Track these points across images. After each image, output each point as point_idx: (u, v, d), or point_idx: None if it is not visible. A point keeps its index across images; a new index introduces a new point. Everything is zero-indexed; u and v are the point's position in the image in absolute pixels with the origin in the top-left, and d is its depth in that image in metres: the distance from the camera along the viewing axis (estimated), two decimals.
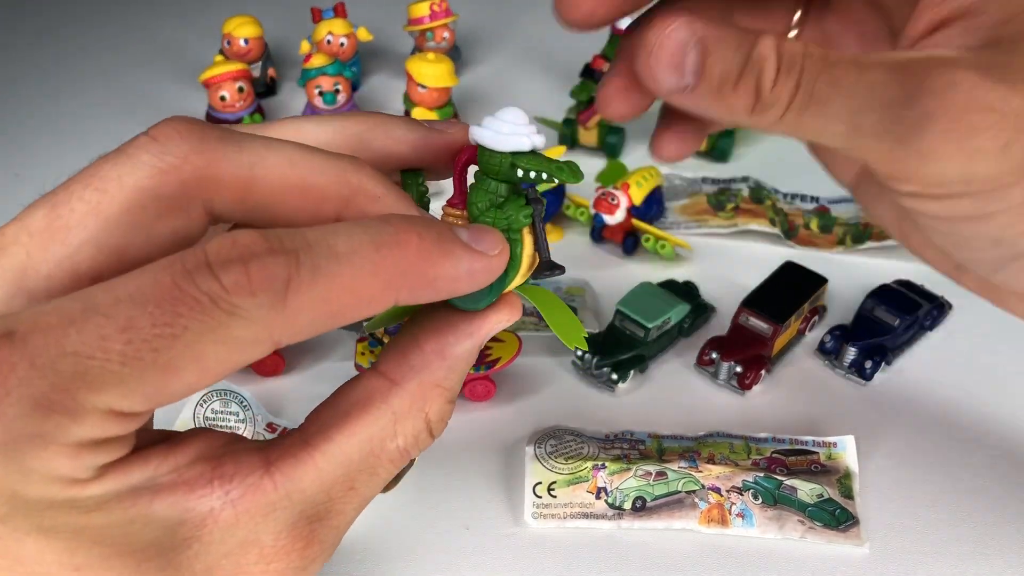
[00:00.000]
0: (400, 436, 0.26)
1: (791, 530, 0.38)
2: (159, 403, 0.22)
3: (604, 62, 0.60)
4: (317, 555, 0.26)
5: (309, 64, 0.61)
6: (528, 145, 0.25)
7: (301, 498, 0.25)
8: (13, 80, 0.72)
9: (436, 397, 0.26)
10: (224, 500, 0.24)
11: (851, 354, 0.46)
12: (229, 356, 0.22)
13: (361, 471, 0.26)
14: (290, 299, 0.22)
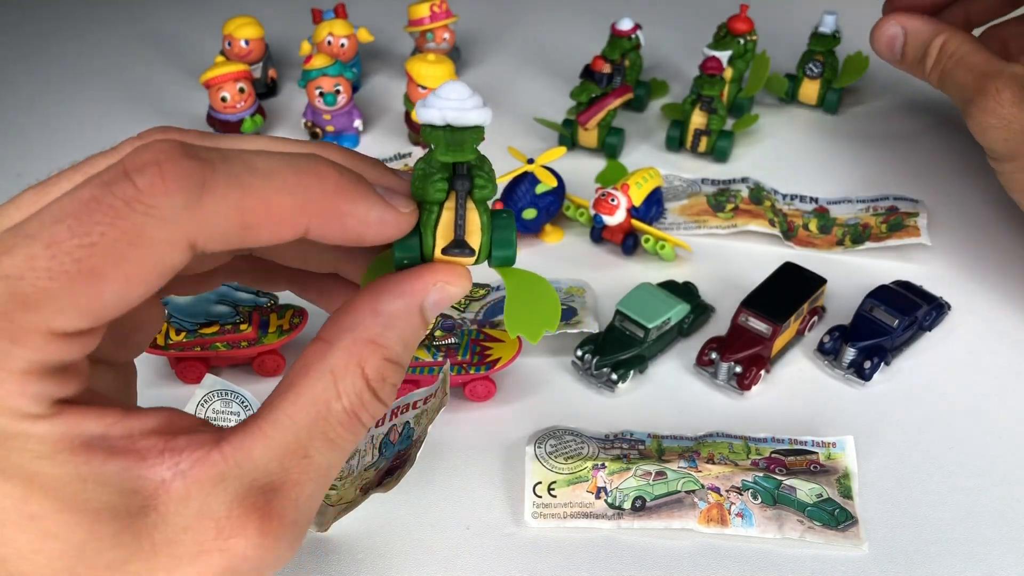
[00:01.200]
0: (344, 396, 0.26)
1: (790, 530, 0.38)
2: (94, 318, 0.23)
3: (604, 63, 0.60)
4: (278, 532, 0.25)
5: (310, 65, 0.61)
6: (439, 120, 0.26)
7: (251, 467, 0.25)
8: (14, 80, 0.72)
9: (371, 353, 0.26)
10: (174, 471, 0.25)
11: (850, 354, 0.46)
12: (149, 258, 0.23)
13: (313, 437, 0.26)
14: (205, 199, 0.23)
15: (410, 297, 0.27)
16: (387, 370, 0.27)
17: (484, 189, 0.27)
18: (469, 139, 0.26)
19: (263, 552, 0.25)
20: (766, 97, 0.67)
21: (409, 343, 0.27)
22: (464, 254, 0.27)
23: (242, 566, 0.25)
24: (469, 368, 0.44)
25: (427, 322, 0.28)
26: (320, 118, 0.62)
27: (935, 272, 0.52)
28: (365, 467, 0.40)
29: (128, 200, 0.23)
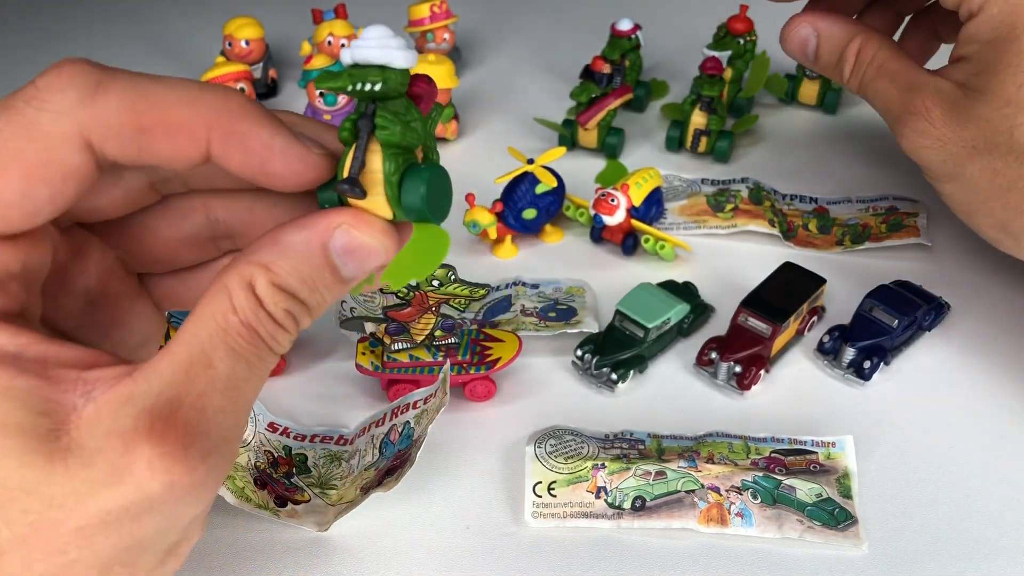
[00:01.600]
0: (239, 310, 0.26)
1: (790, 530, 0.38)
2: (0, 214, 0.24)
3: (604, 63, 0.60)
4: (184, 441, 0.25)
5: (310, 65, 0.61)
6: (348, 59, 0.26)
7: (158, 382, 0.25)
8: (14, 81, 0.72)
9: (261, 274, 0.26)
10: (86, 398, 0.25)
11: (850, 354, 0.46)
12: (45, 152, 0.24)
13: (215, 347, 0.26)
14: (99, 95, 0.24)
15: (310, 232, 0.27)
16: (277, 296, 0.26)
17: (387, 130, 0.26)
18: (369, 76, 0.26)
19: (170, 463, 0.25)
20: (766, 97, 0.67)
21: (307, 280, 0.27)
22: (353, 193, 0.26)
23: (152, 482, 0.24)
24: (469, 368, 0.44)
25: (336, 270, 0.27)
26: (320, 118, 0.62)
27: (935, 272, 0.52)
28: (365, 467, 0.40)
29: (27, 99, 0.24)
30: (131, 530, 0.25)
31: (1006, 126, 0.41)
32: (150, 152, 0.26)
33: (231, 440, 0.26)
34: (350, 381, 0.46)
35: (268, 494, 0.39)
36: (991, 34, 0.42)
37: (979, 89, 0.42)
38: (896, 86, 0.45)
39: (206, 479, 0.25)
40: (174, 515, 0.26)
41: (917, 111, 0.44)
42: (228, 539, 0.38)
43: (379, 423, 0.41)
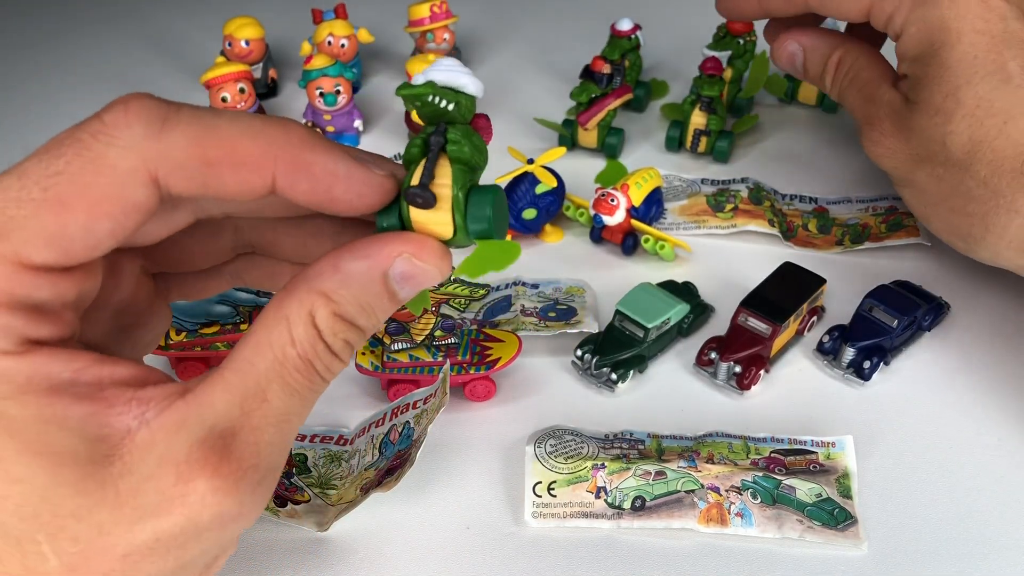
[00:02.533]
0: (297, 343, 0.26)
1: (790, 529, 0.38)
2: (62, 249, 0.24)
3: (603, 63, 0.60)
4: (236, 474, 0.25)
5: (310, 65, 0.61)
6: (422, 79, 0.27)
7: (212, 411, 0.25)
8: (14, 81, 0.72)
9: (322, 305, 0.26)
10: (140, 420, 0.25)
11: (849, 354, 0.46)
12: (111, 187, 0.24)
13: (271, 381, 0.26)
14: (166, 131, 0.24)
15: (372, 260, 0.27)
16: (338, 326, 0.26)
17: (459, 146, 0.27)
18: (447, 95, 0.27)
19: (222, 496, 0.25)
20: (766, 97, 0.67)
21: (366, 307, 0.27)
22: (424, 198, 0.27)
23: (203, 514, 0.25)
24: (469, 368, 0.44)
25: (394, 295, 0.27)
26: (320, 118, 0.62)
27: (934, 272, 0.52)
28: (365, 467, 0.40)
29: (94, 133, 0.24)
30: (177, 555, 0.25)
31: (939, 135, 0.44)
32: (216, 186, 0.26)
33: (278, 469, 0.27)
34: (350, 381, 0.46)
35: None
36: (916, 51, 0.45)
37: (915, 102, 0.45)
38: (861, 97, 0.49)
39: (253, 508, 0.26)
40: (219, 540, 0.26)
41: (871, 122, 0.48)
42: None
43: (379, 423, 0.41)
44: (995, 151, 0.42)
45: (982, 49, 0.43)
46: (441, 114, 0.27)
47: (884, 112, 0.47)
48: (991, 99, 0.42)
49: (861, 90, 0.49)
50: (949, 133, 0.43)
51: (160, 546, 0.25)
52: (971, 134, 0.43)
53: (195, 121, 0.25)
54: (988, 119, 0.42)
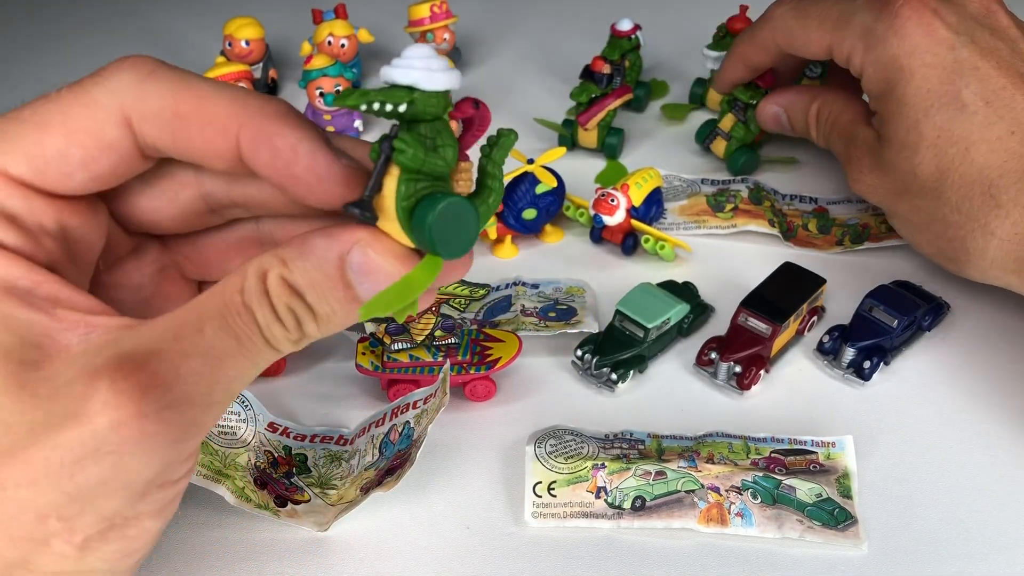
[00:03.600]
0: (244, 291, 0.27)
1: (790, 530, 0.38)
2: (36, 166, 0.27)
3: (603, 63, 0.60)
4: (145, 387, 0.25)
5: (310, 65, 0.61)
6: (386, 78, 0.25)
7: (146, 334, 0.26)
8: (14, 80, 0.72)
9: (275, 266, 0.27)
10: (82, 338, 0.26)
11: (850, 354, 0.46)
12: (89, 119, 0.27)
13: (211, 317, 0.26)
14: (148, 82, 0.27)
15: (332, 240, 0.27)
16: (283, 290, 0.27)
17: (401, 153, 0.25)
18: (393, 97, 0.25)
19: (124, 401, 0.25)
20: None
21: (316, 284, 0.27)
22: (362, 216, 0.26)
23: (100, 419, 0.24)
24: (469, 368, 0.44)
25: (349, 285, 0.27)
26: (320, 118, 0.62)
27: (934, 272, 0.52)
28: (365, 467, 0.40)
29: (92, 77, 0.28)
30: (72, 473, 0.25)
31: (908, 167, 0.46)
32: (184, 140, 0.27)
33: (195, 405, 0.26)
34: (350, 381, 0.46)
35: (268, 494, 0.39)
36: (877, 89, 0.47)
37: (885, 137, 0.47)
38: (842, 140, 0.51)
39: (156, 432, 0.25)
40: (117, 467, 0.25)
41: (852, 162, 0.50)
42: (228, 539, 0.39)
43: (379, 423, 0.41)
44: (962, 177, 0.44)
45: (935, 82, 0.45)
46: (397, 116, 0.25)
47: (862, 151, 0.49)
48: (950, 128, 0.44)
49: (841, 134, 0.51)
50: (917, 165, 0.45)
51: (55, 458, 0.25)
52: (937, 164, 0.45)
53: (177, 78, 0.27)
54: (950, 148, 0.44)
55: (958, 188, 0.44)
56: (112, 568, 0.27)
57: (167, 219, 0.31)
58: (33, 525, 0.25)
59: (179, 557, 0.38)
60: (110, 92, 0.27)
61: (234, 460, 0.39)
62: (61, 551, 0.26)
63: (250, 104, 0.27)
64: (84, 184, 0.28)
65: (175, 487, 0.28)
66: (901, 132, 0.46)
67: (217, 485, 0.37)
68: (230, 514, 0.39)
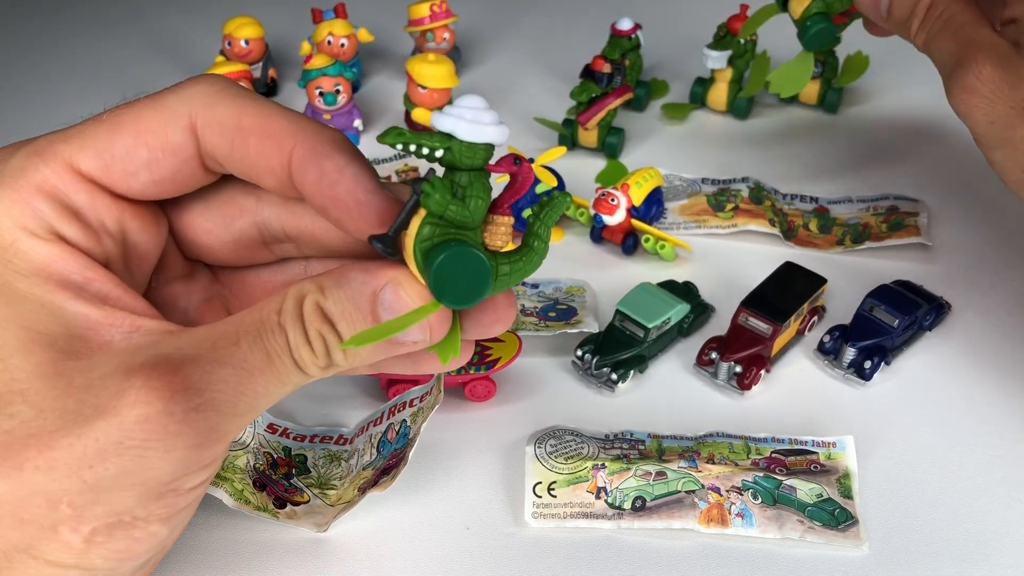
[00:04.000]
0: (281, 312, 0.27)
1: (791, 530, 0.38)
2: (104, 162, 0.28)
3: (604, 62, 0.60)
4: (176, 388, 0.26)
5: (310, 65, 0.61)
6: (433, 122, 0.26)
7: (184, 340, 0.27)
8: (13, 80, 0.72)
9: (313, 292, 0.28)
10: (125, 336, 0.27)
11: (850, 354, 0.46)
12: (157, 121, 0.28)
13: (247, 332, 0.27)
14: (218, 96, 0.29)
15: (368, 275, 0.28)
16: (316, 316, 0.28)
17: (427, 197, 0.26)
18: (431, 142, 0.26)
19: (153, 398, 0.25)
20: (766, 97, 0.67)
21: (348, 315, 0.28)
22: (384, 250, 0.27)
23: (130, 412, 0.25)
24: (469, 368, 0.44)
25: (378, 318, 0.28)
26: (320, 118, 0.62)
27: (935, 272, 0.52)
28: (363, 466, 0.40)
29: (170, 87, 0.29)
30: (92, 463, 0.25)
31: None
32: (241, 152, 0.29)
33: (221, 413, 0.27)
34: (349, 381, 0.46)
35: (267, 496, 0.39)
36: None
37: None
38: (956, 41, 0.42)
39: (178, 432, 0.26)
40: (136, 461, 0.26)
41: (968, 66, 0.41)
42: (228, 540, 0.38)
43: (377, 422, 0.41)
44: None
45: None
46: (434, 161, 0.26)
47: (985, 55, 0.40)
48: None
49: (956, 32, 0.42)
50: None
51: (80, 446, 0.25)
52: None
53: (246, 96, 0.29)
54: None
55: None
56: (113, 569, 0.28)
57: (221, 244, 0.32)
58: (43, 509, 0.25)
59: (179, 558, 0.38)
60: (182, 100, 0.28)
61: (232, 463, 0.39)
62: (67, 540, 0.26)
63: (307, 127, 0.29)
64: (146, 186, 0.29)
65: (189, 495, 0.28)
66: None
67: (215, 488, 0.37)
68: (229, 515, 0.39)
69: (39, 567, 0.26)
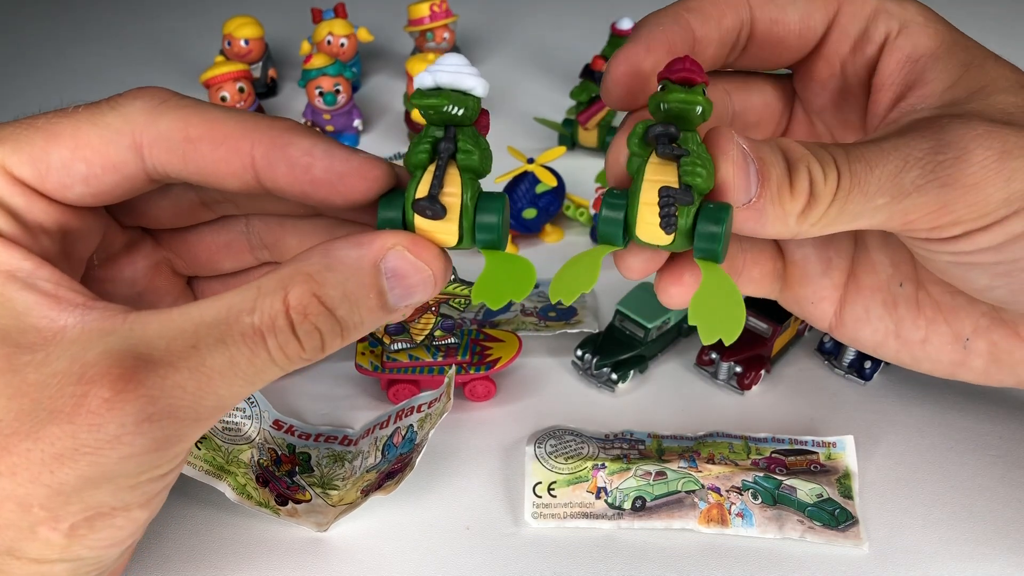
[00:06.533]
0: (257, 312, 0.26)
1: (791, 530, 0.38)
2: (39, 171, 0.27)
3: (604, 62, 0.60)
4: (131, 397, 0.25)
5: (309, 65, 0.61)
6: (430, 82, 0.26)
7: (140, 333, 0.25)
8: (13, 80, 0.72)
9: (301, 283, 0.26)
10: (79, 320, 0.26)
11: (850, 354, 0.46)
12: (97, 137, 0.27)
13: (209, 333, 0.25)
14: (160, 111, 0.27)
15: (364, 248, 0.26)
16: (312, 307, 0.26)
17: (469, 155, 0.26)
18: (457, 100, 0.26)
19: (108, 413, 0.24)
20: None
21: (350, 296, 0.26)
22: (434, 211, 0.26)
23: (85, 422, 0.24)
24: (469, 368, 0.44)
25: (382, 293, 0.27)
26: (320, 118, 0.62)
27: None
28: (367, 469, 0.40)
29: (108, 101, 0.28)
30: (52, 469, 0.25)
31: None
32: (196, 161, 0.28)
33: (179, 420, 0.26)
34: (350, 382, 0.46)
35: (269, 492, 0.39)
36: None
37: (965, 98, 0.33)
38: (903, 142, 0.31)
39: (132, 442, 0.25)
40: (95, 466, 0.25)
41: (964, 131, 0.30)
42: (228, 538, 0.38)
43: (383, 425, 0.41)
44: None
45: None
46: (449, 119, 0.27)
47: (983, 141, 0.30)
48: None
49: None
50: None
51: (38, 451, 0.25)
52: None
53: (188, 107, 0.28)
54: None
55: None
56: (98, 556, 0.27)
57: (161, 210, 0.32)
58: (16, 514, 0.25)
59: (179, 557, 0.37)
60: (122, 117, 0.27)
61: (237, 456, 0.39)
62: (47, 538, 0.26)
63: (260, 123, 0.28)
64: (82, 197, 0.28)
65: (163, 480, 0.28)
66: None
67: (218, 481, 0.37)
68: (230, 514, 0.39)
69: (24, 566, 0.26)
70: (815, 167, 0.28)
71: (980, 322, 0.35)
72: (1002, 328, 0.35)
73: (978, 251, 0.30)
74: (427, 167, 0.27)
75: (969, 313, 0.35)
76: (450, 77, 0.26)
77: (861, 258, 0.36)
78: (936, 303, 0.35)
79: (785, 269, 0.37)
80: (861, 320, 0.37)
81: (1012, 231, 0.29)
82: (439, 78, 0.26)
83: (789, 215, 0.28)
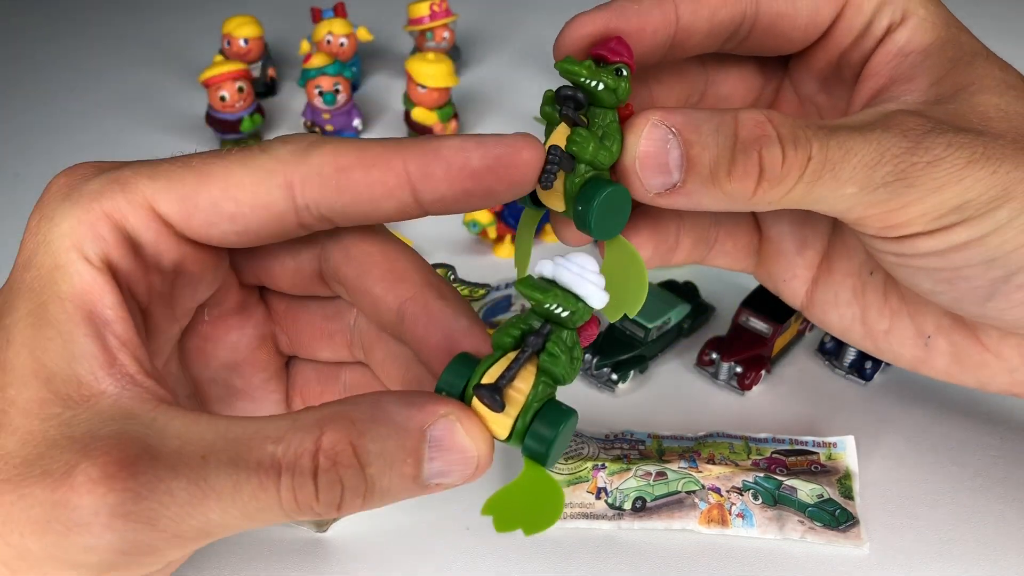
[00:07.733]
0: (283, 444, 0.23)
1: (791, 530, 0.38)
2: (185, 210, 0.27)
3: None
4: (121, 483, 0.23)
5: (309, 64, 0.61)
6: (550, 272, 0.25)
7: (161, 427, 0.24)
8: (13, 80, 0.72)
9: (341, 428, 0.24)
10: (118, 391, 0.25)
11: (851, 354, 0.46)
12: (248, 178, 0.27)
13: (224, 449, 0.24)
14: (310, 151, 0.27)
15: (415, 409, 0.24)
16: (344, 456, 0.23)
17: (555, 360, 0.25)
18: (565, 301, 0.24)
19: (87, 495, 0.23)
20: None
21: (387, 455, 0.24)
22: (492, 402, 0.24)
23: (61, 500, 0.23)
24: None
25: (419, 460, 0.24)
26: (319, 117, 0.62)
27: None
28: None
29: (260, 144, 0.28)
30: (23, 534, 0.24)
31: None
32: (350, 189, 0.27)
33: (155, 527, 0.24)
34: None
35: None
36: None
37: (951, 96, 0.33)
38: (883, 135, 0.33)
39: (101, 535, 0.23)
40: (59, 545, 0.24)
41: None
42: (228, 538, 0.38)
43: None
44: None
45: None
46: (551, 317, 0.25)
47: None
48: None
49: None
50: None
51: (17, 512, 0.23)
52: None
53: (336, 142, 0.27)
54: None
55: None
56: None
57: (284, 270, 0.31)
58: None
59: None
60: (274, 158, 0.27)
61: None
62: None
63: (406, 141, 0.27)
64: (225, 235, 0.27)
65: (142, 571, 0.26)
66: None
67: None
68: None
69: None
70: (770, 150, 0.27)
71: (942, 321, 0.35)
72: (963, 330, 0.35)
73: (919, 255, 0.30)
74: (508, 353, 0.25)
75: (932, 311, 0.35)
76: (571, 277, 0.25)
77: (837, 242, 0.36)
78: (902, 296, 0.35)
79: (760, 244, 0.37)
80: (830, 303, 0.36)
81: (955, 240, 0.29)
82: (560, 274, 0.25)
83: (732, 194, 0.28)
